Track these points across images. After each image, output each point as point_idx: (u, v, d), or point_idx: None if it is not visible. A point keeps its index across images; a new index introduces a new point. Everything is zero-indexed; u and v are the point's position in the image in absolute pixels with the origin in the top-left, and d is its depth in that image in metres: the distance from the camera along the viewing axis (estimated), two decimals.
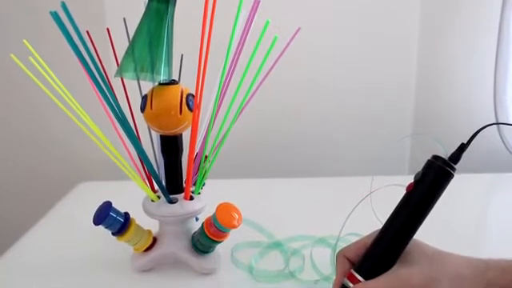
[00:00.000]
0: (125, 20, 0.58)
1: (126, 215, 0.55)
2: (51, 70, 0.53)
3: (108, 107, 0.51)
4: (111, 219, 0.53)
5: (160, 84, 0.54)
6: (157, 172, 0.56)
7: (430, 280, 0.42)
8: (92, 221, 0.53)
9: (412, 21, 0.98)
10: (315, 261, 0.60)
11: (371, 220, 0.49)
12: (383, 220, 0.47)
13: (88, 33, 0.55)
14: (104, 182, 0.92)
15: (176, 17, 0.52)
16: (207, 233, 0.54)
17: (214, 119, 0.55)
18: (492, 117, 0.97)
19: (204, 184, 0.60)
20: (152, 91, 0.54)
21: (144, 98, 0.55)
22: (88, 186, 0.91)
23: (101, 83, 0.49)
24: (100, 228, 0.54)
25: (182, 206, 0.56)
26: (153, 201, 0.57)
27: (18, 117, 1.05)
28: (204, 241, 0.55)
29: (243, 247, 0.64)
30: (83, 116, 0.54)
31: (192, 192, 0.58)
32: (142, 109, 0.54)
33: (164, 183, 0.58)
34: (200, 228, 0.56)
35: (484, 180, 0.95)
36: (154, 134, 0.60)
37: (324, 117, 1.04)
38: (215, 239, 0.54)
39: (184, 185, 0.58)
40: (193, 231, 0.58)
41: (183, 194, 0.57)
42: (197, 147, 0.57)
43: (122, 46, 0.53)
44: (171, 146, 0.57)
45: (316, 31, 0.96)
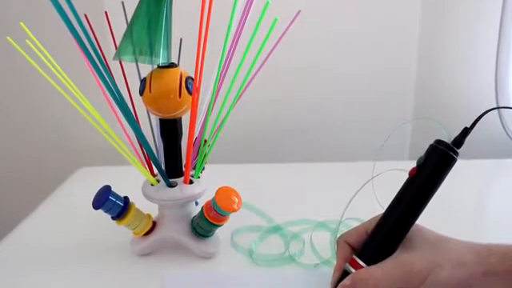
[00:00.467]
0: (123, 3, 0.57)
1: (126, 199, 0.55)
2: (49, 54, 0.53)
3: (107, 91, 0.50)
4: (111, 203, 0.53)
5: (159, 67, 0.54)
6: (156, 156, 0.56)
7: (433, 265, 0.42)
8: (91, 205, 0.53)
9: (413, 5, 0.97)
10: (315, 245, 0.60)
11: (372, 205, 0.49)
12: (384, 205, 0.47)
13: (86, 16, 0.55)
14: (103, 168, 0.91)
15: None
16: (207, 217, 0.54)
17: (214, 103, 0.55)
18: (492, 103, 0.97)
19: (204, 168, 0.60)
20: (151, 74, 0.54)
21: (143, 82, 0.54)
22: (87, 172, 0.91)
23: (99, 66, 0.49)
24: (99, 213, 0.53)
25: (182, 190, 0.56)
26: (152, 185, 0.57)
27: (16, 102, 1.04)
28: (204, 225, 0.55)
29: (243, 231, 0.64)
30: (82, 100, 0.54)
31: (191, 176, 0.58)
32: (141, 92, 0.54)
33: (163, 167, 0.58)
34: (200, 212, 0.56)
35: (484, 166, 0.94)
36: (154, 118, 0.59)
37: (324, 102, 1.03)
38: (215, 223, 0.54)
39: (183, 169, 0.58)
40: (192, 215, 0.58)
41: (183, 178, 0.57)
42: (196, 131, 0.57)
43: (121, 29, 0.53)
44: (170, 130, 0.56)
45: (316, 15, 0.95)
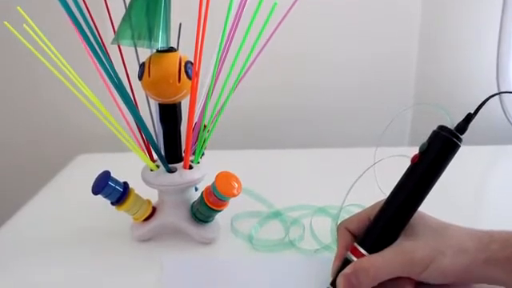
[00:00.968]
0: None
1: (125, 184, 0.55)
2: (46, 38, 0.52)
3: (105, 75, 0.50)
4: (110, 188, 0.53)
5: (158, 51, 0.53)
6: (155, 141, 0.56)
7: (435, 252, 0.42)
8: (91, 191, 0.53)
9: None
10: (315, 230, 0.60)
11: (372, 191, 0.49)
12: (386, 191, 0.46)
13: (84, 0, 0.54)
14: (103, 154, 0.91)
15: None
16: (207, 202, 0.54)
17: (213, 87, 0.55)
18: (493, 90, 0.96)
19: (203, 154, 0.60)
20: (150, 59, 0.53)
21: (142, 66, 0.54)
22: (87, 158, 0.90)
23: (98, 51, 0.48)
24: (99, 199, 0.53)
25: (181, 175, 0.55)
26: (152, 170, 0.57)
27: (15, 88, 1.03)
28: (203, 210, 0.55)
29: (243, 217, 0.64)
30: (80, 85, 0.53)
31: (191, 161, 0.58)
32: (140, 77, 0.54)
33: (163, 152, 0.58)
34: (199, 197, 0.55)
35: (485, 152, 0.94)
36: (153, 103, 0.59)
37: (324, 88, 1.03)
38: (215, 208, 0.54)
39: (183, 154, 0.58)
40: (192, 201, 0.58)
41: (182, 164, 0.57)
42: (196, 116, 0.57)
43: (119, 13, 0.52)
44: (170, 115, 0.56)
45: (316, 0, 0.94)
